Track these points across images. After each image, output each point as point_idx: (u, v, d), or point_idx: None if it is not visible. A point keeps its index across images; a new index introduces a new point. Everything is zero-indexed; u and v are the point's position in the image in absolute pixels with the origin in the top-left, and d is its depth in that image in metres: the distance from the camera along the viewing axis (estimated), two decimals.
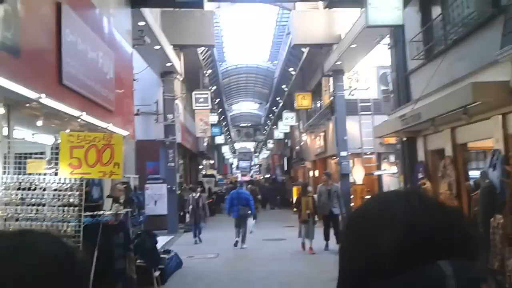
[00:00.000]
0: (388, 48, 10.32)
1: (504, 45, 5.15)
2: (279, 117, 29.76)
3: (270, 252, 11.10)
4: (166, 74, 15.98)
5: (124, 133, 8.55)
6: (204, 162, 30.87)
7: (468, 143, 8.19)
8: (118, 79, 8.60)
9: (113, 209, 6.32)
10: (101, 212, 5.97)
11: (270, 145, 41.06)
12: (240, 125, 46.15)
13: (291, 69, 21.80)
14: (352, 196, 15.90)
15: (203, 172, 27.50)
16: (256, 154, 69.26)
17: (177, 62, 15.80)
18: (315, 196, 11.58)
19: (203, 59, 19.39)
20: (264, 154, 53.65)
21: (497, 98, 5.37)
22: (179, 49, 16.23)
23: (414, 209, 0.66)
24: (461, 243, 0.65)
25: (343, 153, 16.14)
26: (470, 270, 0.61)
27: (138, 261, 7.20)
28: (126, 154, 8.74)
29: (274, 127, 33.87)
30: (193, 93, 19.32)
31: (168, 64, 14.95)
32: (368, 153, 16.43)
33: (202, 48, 18.51)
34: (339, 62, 15.11)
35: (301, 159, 25.65)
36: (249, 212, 12.34)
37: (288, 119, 24.68)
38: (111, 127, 7.72)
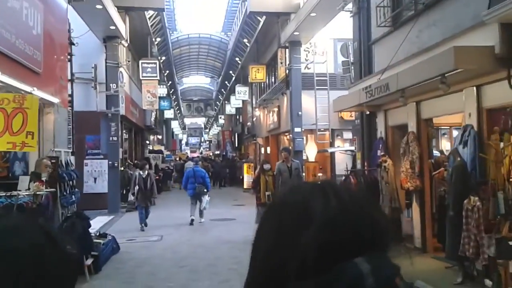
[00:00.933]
0: (350, 16, 9.64)
1: (492, 4, 4.55)
2: (231, 91, 28.78)
3: (218, 235, 10.25)
4: (110, 39, 14.53)
5: (54, 100, 7.36)
6: (152, 137, 29.45)
7: (433, 118, 7.73)
8: (48, 37, 7.34)
9: (32, 189, 5.25)
10: (15, 193, 4.90)
11: (221, 121, 40.03)
12: (191, 99, 44.60)
13: (245, 40, 20.80)
14: (304, 174, 15.45)
15: (150, 147, 26.16)
16: (207, 130, 68.13)
17: (122, 26, 14.38)
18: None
19: (152, 25, 17.95)
20: (215, 130, 52.56)
21: (481, 64, 4.79)
22: (125, 12, 14.75)
23: (331, 204, 0.65)
24: (376, 235, 0.64)
25: (297, 129, 15.57)
26: (386, 266, 0.61)
27: (68, 247, 6.20)
28: (57, 125, 7.56)
29: (225, 102, 32.86)
30: (140, 61, 17.91)
31: (112, 27, 13.53)
32: (322, 129, 15.96)
33: (151, 13, 17.08)
34: (296, 33, 14.34)
35: (253, 135, 24.95)
36: (205, 190, 12.26)
37: (241, 94, 23.77)
38: (36, 92, 6.53)
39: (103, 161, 14.40)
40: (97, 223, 11.63)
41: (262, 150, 22.56)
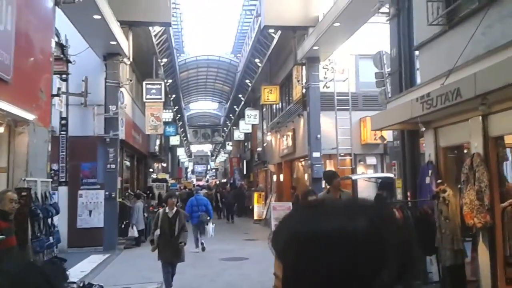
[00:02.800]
0: (387, 20, 8.19)
1: None
2: (240, 116, 27.40)
3: (230, 280, 8.50)
4: (110, 56, 13.20)
5: (28, 116, 5.86)
6: (156, 165, 27.94)
7: (505, 136, 6.15)
8: (23, 37, 5.92)
9: None
10: None
11: (229, 147, 38.52)
12: (198, 125, 43.24)
13: (257, 60, 19.48)
14: None
15: (154, 175, 24.59)
16: (213, 157, 66.85)
17: (124, 42, 13.09)
18: None
19: (158, 43, 16.69)
20: (222, 157, 51.07)
21: None
22: (128, 28, 13.48)
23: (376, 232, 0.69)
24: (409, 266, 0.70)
25: (315, 154, 14.00)
26: None
27: None
28: (32, 148, 6.05)
29: (234, 128, 31.44)
30: (144, 83, 16.55)
31: (112, 43, 12.21)
32: (342, 154, 14.37)
33: (157, 30, 15.84)
34: (316, 47, 12.96)
35: (264, 162, 23.36)
36: (208, 218, 12.37)
37: (251, 118, 22.31)
38: (2, 105, 5.07)
39: (100, 191, 12.84)
40: (88, 264, 9.98)
41: (274, 177, 20.89)
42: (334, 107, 14.02)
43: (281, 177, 19.18)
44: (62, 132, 12.85)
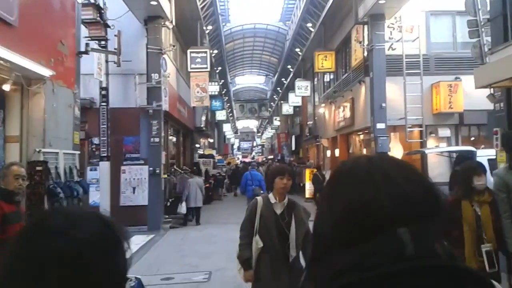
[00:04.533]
0: None
1: None
2: (288, 89, 25.83)
3: None
4: (151, 20, 12.04)
5: (44, 72, 4.71)
6: (202, 140, 27.06)
7: None
8: None
9: None
10: None
11: (276, 122, 37.06)
12: (245, 99, 41.94)
13: (309, 24, 17.74)
14: None
15: (201, 151, 23.69)
16: (259, 134, 65.88)
17: (166, 3, 11.87)
18: None
19: (202, 8, 15.36)
20: (268, 133, 49.79)
21: None
22: None
23: (382, 172, 0.70)
24: (426, 203, 0.68)
25: (380, 125, 12.31)
26: (427, 233, 0.66)
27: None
28: (50, 113, 4.95)
29: (281, 102, 29.93)
30: (189, 51, 15.35)
31: (153, 3, 11.01)
32: (410, 125, 12.59)
33: None
34: (382, 1, 11.15)
35: (315, 136, 21.81)
36: (262, 192, 11.25)
37: (302, 89, 20.71)
38: (3, 53, 3.91)
39: (143, 167, 11.90)
40: (132, 246, 9.03)
41: (328, 153, 19.32)
42: (402, 72, 12.23)
43: (336, 152, 17.60)
44: (103, 104, 11.95)
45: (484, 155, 9.04)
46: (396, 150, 12.86)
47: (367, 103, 13.04)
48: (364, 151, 15.38)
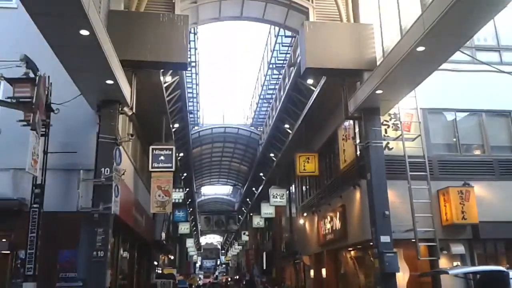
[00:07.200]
0: None
1: None
2: (260, 199, 23.62)
3: None
4: (106, 104, 9.95)
5: None
6: (162, 257, 23.61)
7: None
8: None
9: None
10: None
11: (245, 237, 34.08)
12: (210, 210, 39.16)
13: (287, 125, 16.21)
14: None
15: (159, 270, 20.21)
16: (223, 251, 61.88)
17: (126, 87, 9.93)
18: None
19: (170, 100, 13.58)
20: (235, 250, 46.15)
21: None
22: (132, 73, 10.39)
23: None
24: None
25: (384, 238, 9.99)
26: None
27: None
28: None
29: (251, 213, 27.47)
30: (151, 147, 13.14)
31: (109, 82, 9.00)
32: (412, 239, 10.36)
33: (168, 82, 12.82)
34: (379, 91, 9.66)
35: (293, 252, 19.09)
36: None
37: (277, 198, 18.56)
38: None
39: None
40: None
41: (311, 273, 16.44)
42: (403, 175, 10.40)
43: (323, 272, 14.84)
44: (35, 206, 9.16)
45: None
46: (401, 271, 10.39)
47: (365, 211, 10.87)
48: (359, 272, 12.80)
